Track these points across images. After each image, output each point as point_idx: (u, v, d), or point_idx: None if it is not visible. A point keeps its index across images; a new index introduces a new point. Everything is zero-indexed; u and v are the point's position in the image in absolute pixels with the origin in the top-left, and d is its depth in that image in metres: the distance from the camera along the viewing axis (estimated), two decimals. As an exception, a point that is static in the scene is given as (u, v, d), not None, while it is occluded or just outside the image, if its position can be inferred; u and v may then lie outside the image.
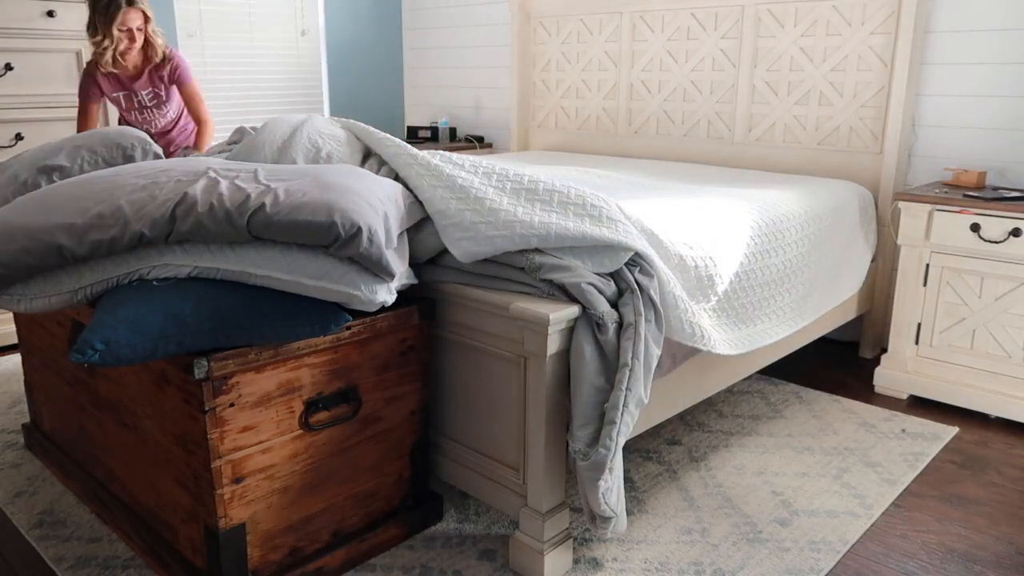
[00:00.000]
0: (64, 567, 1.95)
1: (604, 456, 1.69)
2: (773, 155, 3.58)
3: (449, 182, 2.02)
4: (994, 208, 2.66)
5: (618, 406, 1.70)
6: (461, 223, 1.93)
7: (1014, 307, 2.68)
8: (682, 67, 3.83)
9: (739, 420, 2.76)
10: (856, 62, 3.27)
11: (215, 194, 1.72)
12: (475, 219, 1.92)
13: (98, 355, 1.49)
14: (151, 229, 1.67)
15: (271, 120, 2.61)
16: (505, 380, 1.91)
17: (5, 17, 3.19)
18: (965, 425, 2.75)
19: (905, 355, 2.95)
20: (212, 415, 1.61)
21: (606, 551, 2.01)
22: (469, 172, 2.07)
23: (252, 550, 1.75)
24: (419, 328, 1.98)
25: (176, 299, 1.60)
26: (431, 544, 2.04)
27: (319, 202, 1.68)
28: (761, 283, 2.46)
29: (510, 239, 1.87)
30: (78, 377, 2.13)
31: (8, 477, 2.39)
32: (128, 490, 2.03)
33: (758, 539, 2.07)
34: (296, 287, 1.68)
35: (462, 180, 2.02)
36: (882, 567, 1.97)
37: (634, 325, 1.77)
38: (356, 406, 1.88)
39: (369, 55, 5.08)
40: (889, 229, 3.25)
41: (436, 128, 4.80)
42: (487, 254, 1.90)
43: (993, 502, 2.27)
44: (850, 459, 2.49)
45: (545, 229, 1.87)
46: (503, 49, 4.68)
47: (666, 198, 2.53)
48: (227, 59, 4.44)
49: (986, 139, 3.08)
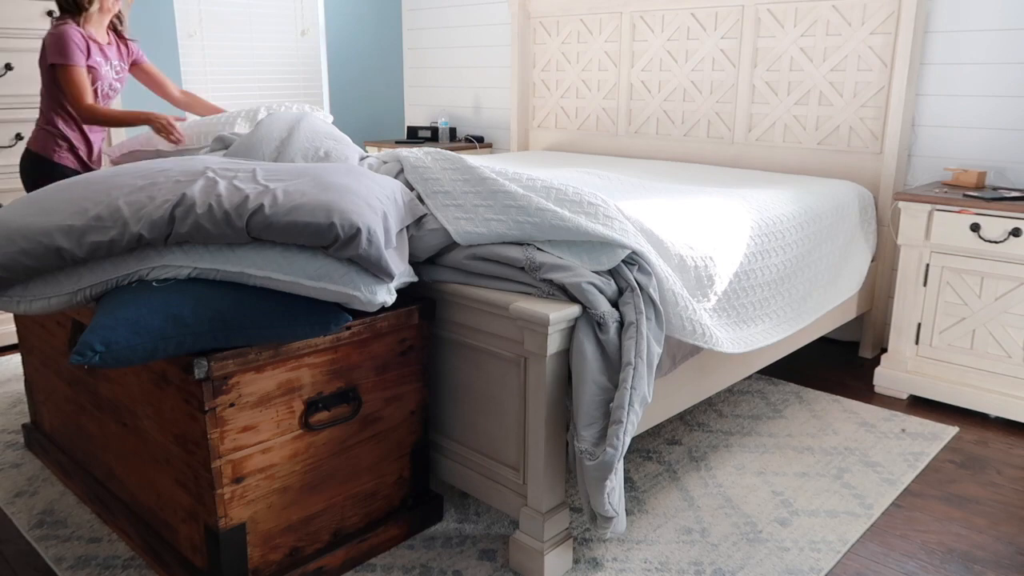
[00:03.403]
0: (64, 567, 1.95)
1: (612, 456, 1.69)
2: (773, 155, 3.58)
3: (459, 164, 2.13)
4: (994, 208, 2.66)
5: (624, 405, 1.70)
6: (463, 205, 2.01)
7: (1014, 307, 2.68)
8: (682, 67, 3.83)
9: (739, 420, 2.76)
10: (856, 62, 3.27)
11: (213, 195, 1.71)
12: (476, 202, 2.00)
13: (98, 357, 1.49)
14: (150, 231, 1.67)
15: (266, 118, 2.60)
16: (505, 380, 1.91)
17: (5, 17, 3.19)
18: (965, 425, 2.75)
19: (905, 355, 2.95)
20: (212, 415, 1.61)
21: (606, 551, 2.01)
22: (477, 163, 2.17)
23: (252, 550, 1.75)
24: (419, 328, 1.98)
25: (176, 300, 1.60)
26: (431, 544, 2.04)
27: (318, 203, 1.68)
28: (761, 283, 2.46)
29: (506, 223, 1.93)
30: (78, 377, 2.13)
31: (8, 477, 2.39)
32: (128, 490, 2.03)
33: (758, 539, 2.07)
34: (295, 288, 1.67)
35: (470, 162, 2.13)
36: (882, 567, 1.97)
37: (635, 324, 1.77)
38: (356, 406, 1.88)
39: (369, 55, 5.08)
40: (889, 229, 3.25)
41: (436, 128, 4.80)
42: (483, 237, 1.94)
43: (993, 502, 2.27)
44: (850, 459, 2.49)
45: (540, 217, 1.91)
46: (503, 49, 4.68)
47: (666, 198, 2.53)
48: (227, 59, 4.44)
49: (986, 139, 3.08)
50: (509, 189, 2.00)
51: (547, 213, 1.91)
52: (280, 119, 2.57)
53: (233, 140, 2.63)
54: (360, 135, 5.06)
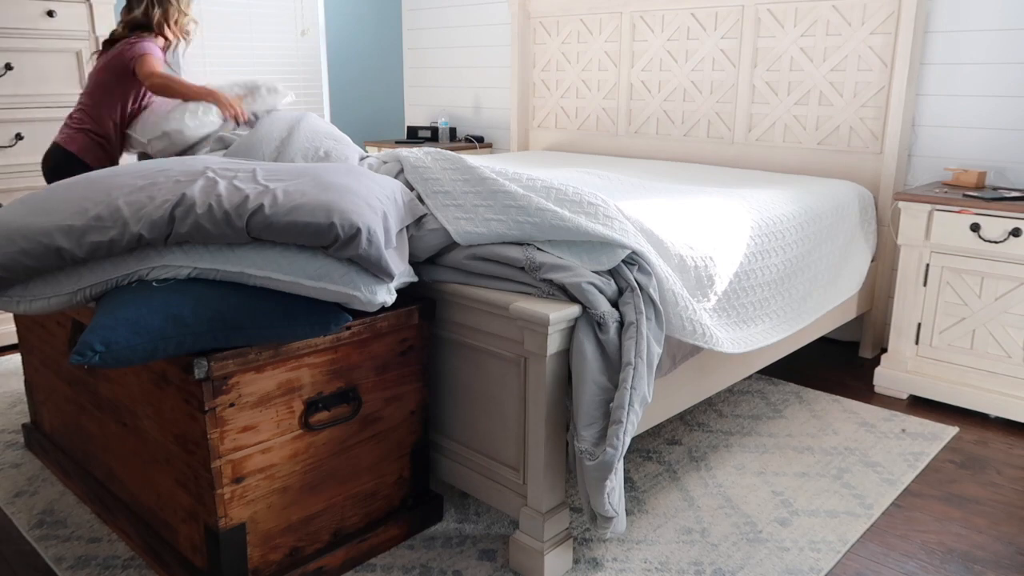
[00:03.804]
0: (64, 567, 1.95)
1: (612, 456, 1.69)
2: (773, 155, 3.58)
3: (459, 164, 2.14)
4: (994, 208, 2.66)
5: (624, 405, 1.70)
6: (463, 205, 2.01)
7: (1014, 307, 2.68)
8: (682, 67, 3.83)
9: (739, 420, 2.76)
10: (856, 62, 3.27)
11: (213, 195, 1.71)
12: (476, 202, 2.00)
13: (98, 356, 1.49)
14: (150, 231, 1.67)
15: (266, 117, 2.61)
16: (505, 380, 1.91)
17: (5, 17, 3.19)
18: (965, 425, 2.75)
19: (905, 355, 2.95)
20: (212, 415, 1.61)
21: (606, 551, 2.01)
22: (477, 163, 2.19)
23: (252, 550, 1.75)
24: (419, 328, 1.98)
25: (176, 300, 1.60)
26: (431, 544, 2.04)
27: (318, 203, 1.68)
28: (761, 283, 2.46)
29: (506, 223, 1.93)
30: (78, 377, 2.13)
31: (8, 477, 2.39)
32: (128, 490, 2.03)
33: (758, 539, 2.07)
34: (295, 288, 1.67)
35: (470, 162, 2.14)
36: (882, 567, 1.97)
37: (635, 324, 1.77)
38: (356, 406, 1.88)
39: (369, 55, 5.08)
40: (889, 229, 3.25)
41: (436, 128, 4.80)
42: (483, 237, 1.94)
43: (993, 502, 2.27)
44: (850, 459, 2.49)
45: (540, 216, 1.91)
46: (503, 49, 4.68)
47: (666, 198, 2.53)
48: (227, 59, 4.44)
49: (986, 139, 3.08)
50: (509, 189, 2.00)
51: (547, 213, 1.91)
52: (280, 119, 2.57)
53: (233, 140, 2.63)
54: (360, 135, 5.06)
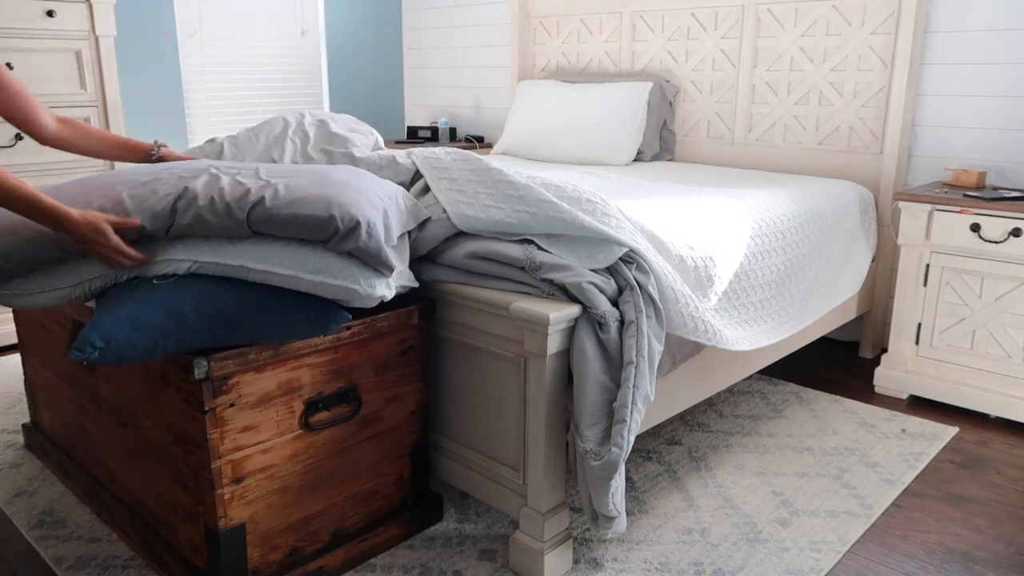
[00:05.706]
0: (64, 567, 1.95)
1: (617, 455, 1.68)
2: (773, 155, 3.58)
3: (468, 156, 2.19)
4: (994, 208, 2.66)
5: (627, 404, 1.70)
6: (466, 190, 2.05)
7: (1014, 307, 2.68)
8: (682, 67, 3.83)
9: (739, 420, 2.76)
10: (856, 62, 3.27)
11: (216, 188, 1.72)
12: (479, 188, 2.04)
13: (98, 353, 1.49)
14: (151, 222, 1.68)
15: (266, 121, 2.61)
16: (505, 380, 1.91)
17: (5, 17, 3.19)
18: (965, 425, 2.75)
19: (905, 355, 2.95)
20: (212, 415, 1.61)
21: (606, 551, 2.01)
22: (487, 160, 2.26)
23: (252, 550, 1.75)
24: (419, 328, 1.98)
25: (176, 297, 1.60)
26: (431, 544, 2.04)
27: (318, 196, 1.68)
28: (762, 283, 2.46)
29: (504, 211, 1.95)
30: (78, 377, 2.13)
31: (8, 477, 2.39)
32: (128, 490, 2.03)
33: (758, 539, 2.07)
34: (295, 282, 1.68)
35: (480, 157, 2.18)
36: (882, 567, 1.97)
37: (636, 322, 1.77)
38: (356, 406, 1.88)
39: (369, 55, 5.08)
40: (889, 229, 3.25)
41: (436, 128, 4.79)
42: (480, 222, 1.96)
43: (993, 502, 2.27)
44: (850, 459, 2.49)
45: (539, 207, 1.93)
46: (503, 49, 4.68)
47: (666, 198, 2.53)
48: (227, 59, 4.44)
49: (986, 139, 3.08)
50: (511, 179, 2.03)
51: (545, 204, 1.92)
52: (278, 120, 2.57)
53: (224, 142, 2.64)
54: (360, 135, 5.05)
